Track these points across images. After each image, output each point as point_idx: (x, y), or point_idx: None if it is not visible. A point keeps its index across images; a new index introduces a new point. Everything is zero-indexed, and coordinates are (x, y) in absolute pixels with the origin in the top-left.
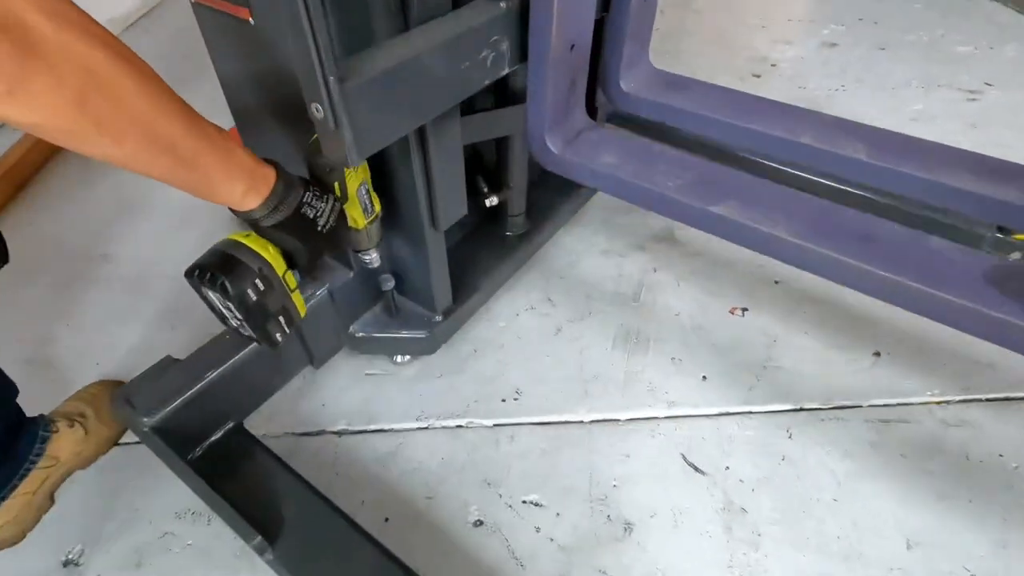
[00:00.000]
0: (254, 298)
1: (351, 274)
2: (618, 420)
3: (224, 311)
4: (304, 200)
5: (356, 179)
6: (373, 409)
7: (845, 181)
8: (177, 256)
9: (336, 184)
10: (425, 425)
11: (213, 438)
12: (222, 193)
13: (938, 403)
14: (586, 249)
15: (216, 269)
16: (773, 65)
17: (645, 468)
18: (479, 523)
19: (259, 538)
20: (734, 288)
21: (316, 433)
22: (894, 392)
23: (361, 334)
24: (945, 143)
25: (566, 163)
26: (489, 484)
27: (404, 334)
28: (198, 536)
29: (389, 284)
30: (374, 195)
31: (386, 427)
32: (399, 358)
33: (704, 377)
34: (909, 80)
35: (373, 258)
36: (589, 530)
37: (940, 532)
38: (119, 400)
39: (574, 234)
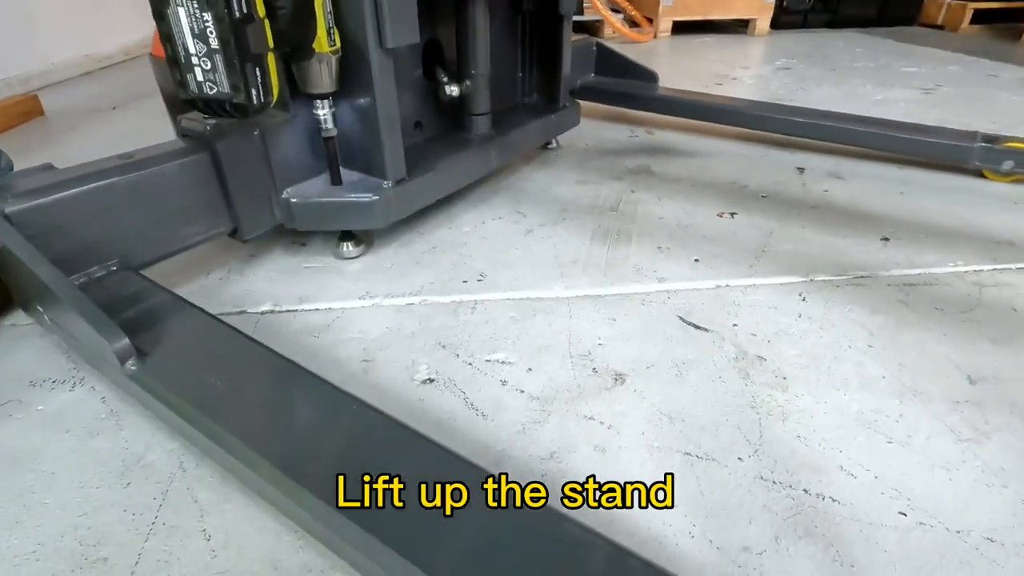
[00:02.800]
0: (237, 15)
1: (288, 115)
2: (601, 295)
3: (191, 39)
4: None
5: None
6: (307, 292)
7: None
8: None
9: None
10: (370, 304)
11: (93, 271)
12: None
13: (966, 271)
14: (559, 181)
15: None
16: (734, 79)
17: (636, 328)
18: (429, 380)
19: (125, 340)
20: (719, 200)
21: (235, 313)
22: (913, 264)
23: (296, 200)
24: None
25: None
26: (444, 347)
27: (349, 197)
28: (52, 402)
29: (331, 129)
30: (334, 28)
31: (321, 306)
32: (345, 248)
33: (696, 260)
34: (864, 84)
35: (327, 115)
36: (569, 381)
37: (1004, 368)
38: None
39: (544, 172)
